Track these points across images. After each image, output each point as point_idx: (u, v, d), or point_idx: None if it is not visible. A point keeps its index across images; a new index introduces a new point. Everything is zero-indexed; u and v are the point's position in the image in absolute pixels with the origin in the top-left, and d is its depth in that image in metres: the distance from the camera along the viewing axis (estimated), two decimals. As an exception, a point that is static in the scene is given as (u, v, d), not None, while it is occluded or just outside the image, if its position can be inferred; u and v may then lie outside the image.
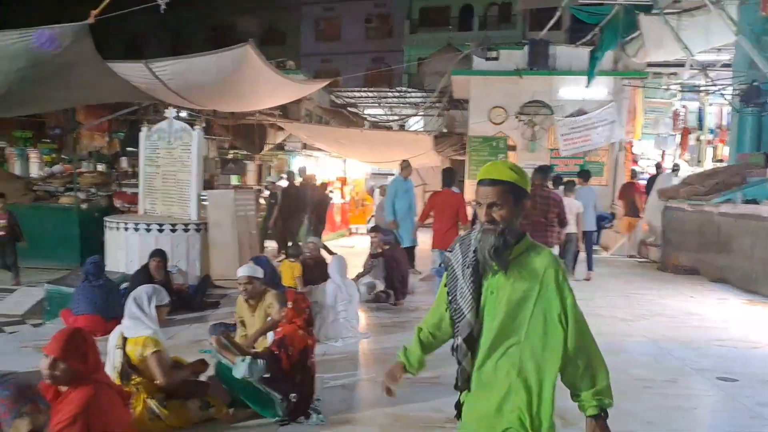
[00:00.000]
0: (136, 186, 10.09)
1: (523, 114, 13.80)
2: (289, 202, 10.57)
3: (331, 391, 4.40)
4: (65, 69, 7.26)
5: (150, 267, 6.46)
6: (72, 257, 9.62)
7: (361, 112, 18.62)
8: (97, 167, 11.81)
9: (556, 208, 7.38)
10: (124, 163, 12.41)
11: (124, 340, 3.76)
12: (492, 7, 31.55)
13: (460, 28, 30.92)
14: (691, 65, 13.54)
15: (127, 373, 3.72)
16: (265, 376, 3.77)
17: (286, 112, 12.83)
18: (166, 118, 9.10)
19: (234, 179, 15.82)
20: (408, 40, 31.79)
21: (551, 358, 2.02)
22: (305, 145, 15.57)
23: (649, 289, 8.73)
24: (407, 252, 8.78)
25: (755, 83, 10.62)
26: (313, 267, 7.08)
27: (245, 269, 4.65)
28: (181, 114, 9.60)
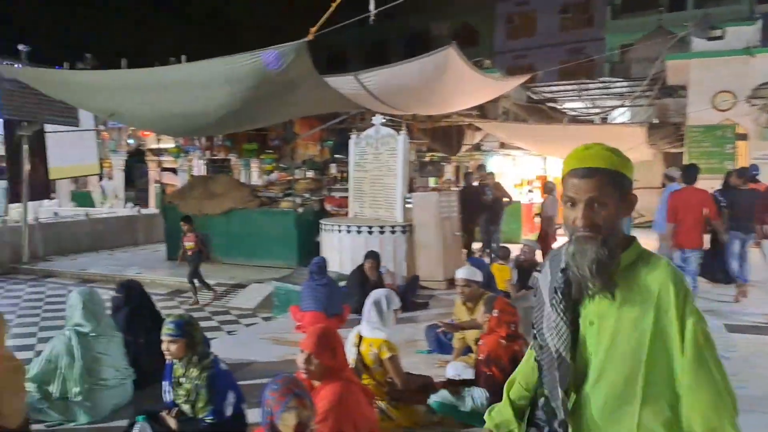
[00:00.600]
0: (344, 190, 10.82)
1: (757, 98, 12.21)
2: (463, 204, 10.35)
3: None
4: (288, 85, 8.02)
5: (365, 268, 6.86)
6: (290, 256, 10.62)
7: (560, 107, 17.94)
8: (311, 174, 12.97)
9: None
10: (333, 169, 13.40)
11: (360, 338, 4.01)
12: (711, -19, 28.37)
13: (670, 8, 28.29)
14: None
15: (359, 371, 3.96)
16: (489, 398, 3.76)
17: (484, 111, 12.83)
18: (372, 125, 9.63)
19: (432, 181, 16.24)
20: (610, 27, 29.93)
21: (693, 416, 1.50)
22: (503, 145, 15.44)
23: None
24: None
25: None
26: (528, 270, 6.96)
27: (464, 271, 4.71)
28: (383, 120, 10.06)
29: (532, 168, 17.04)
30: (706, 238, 7.53)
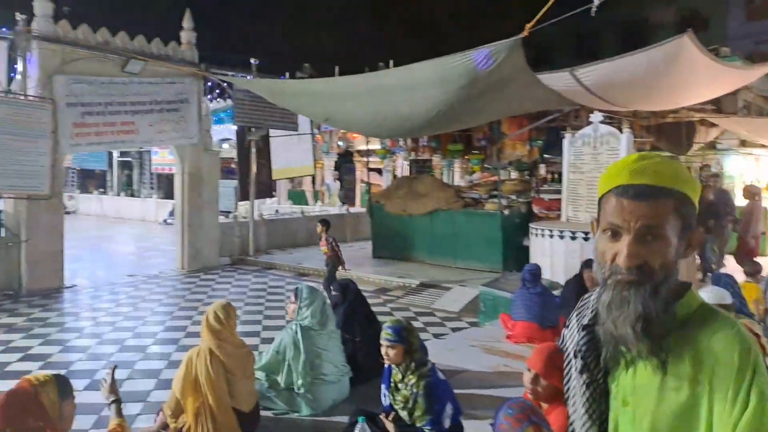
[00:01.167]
0: (554, 192, 10.33)
1: None
2: (702, 211, 9.19)
3: None
4: (498, 83, 7.84)
5: (584, 277, 6.41)
6: (495, 260, 10.42)
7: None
8: (517, 175, 12.67)
9: None
10: (542, 169, 12.95)
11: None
12: None
13: None
14: None
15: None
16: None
17: (720, 105, 11.36)
18: (589, 123, 9.03)
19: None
20: None
21: None
22: (743, 143, 13.57)
23: None
24: None
25: None
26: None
27: (710, 294, 4.10)
28: (601, 118, 9.39)
29: (780, 169, 14.75)
30: None
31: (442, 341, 6.74)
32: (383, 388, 3.50)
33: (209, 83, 12.60)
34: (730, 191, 10.81)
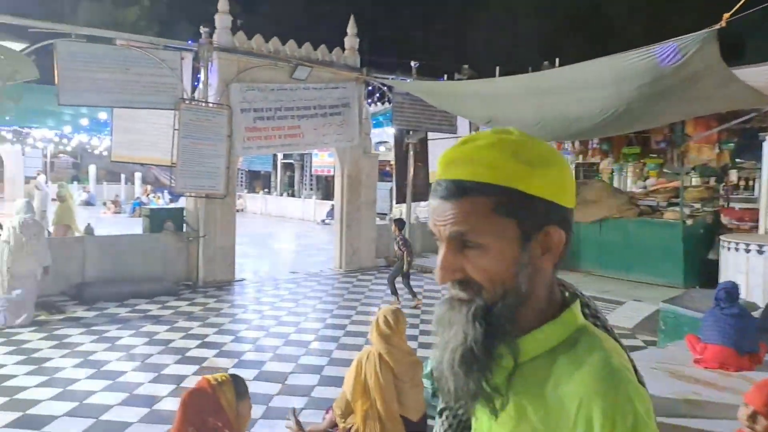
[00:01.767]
0: (748, 201, 9.27)
1: None
2: None
3: None
4: (686, 82, 7.19)
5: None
6: (675, 274, 9.60)
7: None
8: (700, 181, 11.55)
9: None
10: (732, 176, 11.72)
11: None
12: None
13: None
14: None
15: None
16: None
17: None
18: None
19: None
20: None
21: None
22: None
23: None
24: None
25: None
26: None
27: None
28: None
29: None
30: None
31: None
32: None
33: (370, 87, 12.96)
34: None
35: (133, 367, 6.39)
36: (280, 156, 26.22)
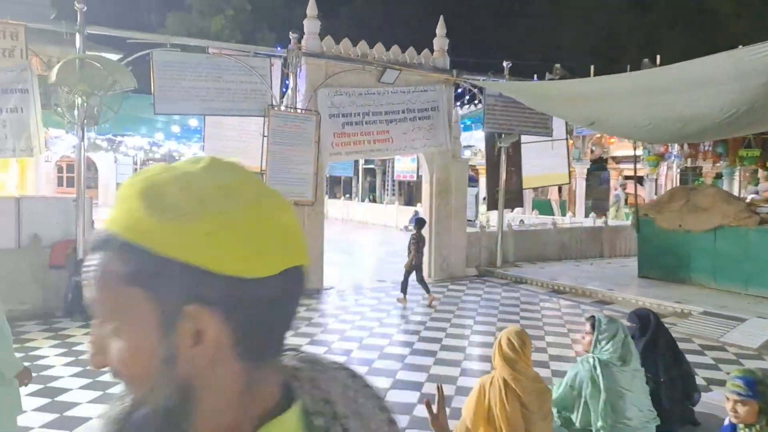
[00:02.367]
0: None
1: None
2: None
3: None
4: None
5: None
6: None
7: None
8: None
9: None
10: None
11: None
12: None
13: None
14: None
15: None
16: None
17: None
18: None
19: None
20: None
21: None
22: None
23: None
24: None
25: None
26: None
27: None
28: None
29: None
30: None
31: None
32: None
33: (459, 89, 12.71)
34: None
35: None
36: (361, 161, 26.34)
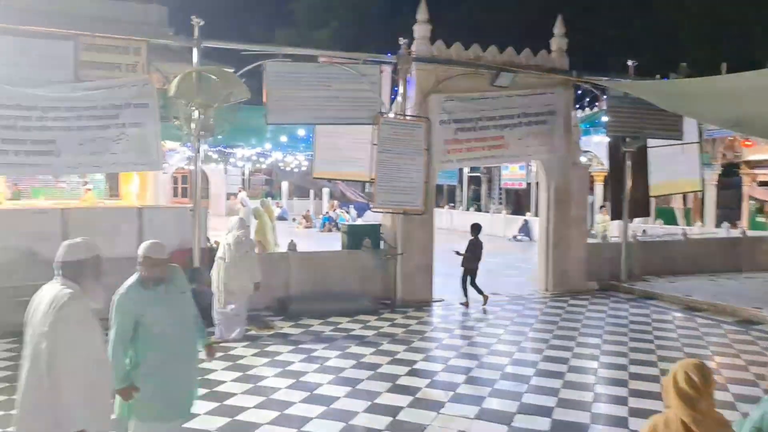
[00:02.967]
0: None
1: None
2: None
3: None
4: None
5: None
6: None
7: None
8: None
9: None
10: None
11: None
12: None
13: None
14: None
15: None
16: None
17: None
18: None
19: None
20: None
21: None
22: None
23: None
24: None
25: None
26: None
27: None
28: None
29: None
30: None
31: None
32: None
33: (579, 91, 12.06)
34: None
35: (346, 393, 6.26)
36: (466, 169, 25.88)
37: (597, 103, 14.07)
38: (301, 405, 5.90)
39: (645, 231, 15.61)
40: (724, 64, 12.75)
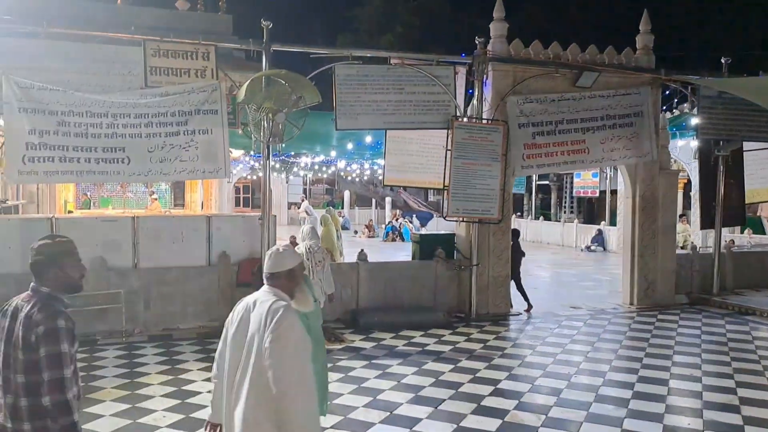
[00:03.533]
0: None
1: None
2: None
3: None
4: None
5: None
6: None
7: None
8: None
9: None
10: None
11: None
12: None
13: None
14: None
15: None
16: None
17: None
18: None
19: None
20: None
21: None
22: None
23: None
24: None
25: None
26: None
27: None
28: None
29: None
30: None
31: None
32: None
33: (666, 92, 11.38)
34: None
35: (428, 414, 5.89)
36: (534, 177, 25.17)
37: (679, 106, 13.26)
38: (382, 427, 5.57)
39: (733, 241, 14.63)
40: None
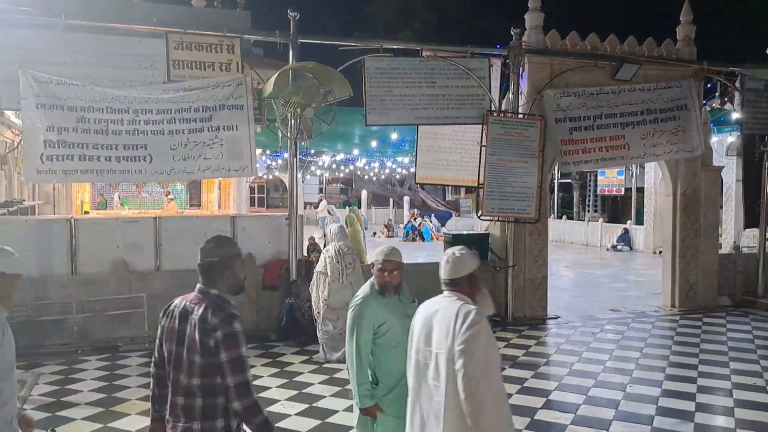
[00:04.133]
0: None
1: None
2: None
3: None
4: None
5: None
6: None
7: None
8: None
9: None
10: None
11: None
12: None
13: None
14: None
15: None
16: None
17: None
18: None
19: None
20: None
21: None
22: None
23: None
24: None
25: None
26: None
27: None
28: None
29: None
30: None
31: None
32: None
33: (708, 85, 10.93)
34: None
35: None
36: (556, 175, 24.68)
37: (719, 99, 12.77)
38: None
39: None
40: None
